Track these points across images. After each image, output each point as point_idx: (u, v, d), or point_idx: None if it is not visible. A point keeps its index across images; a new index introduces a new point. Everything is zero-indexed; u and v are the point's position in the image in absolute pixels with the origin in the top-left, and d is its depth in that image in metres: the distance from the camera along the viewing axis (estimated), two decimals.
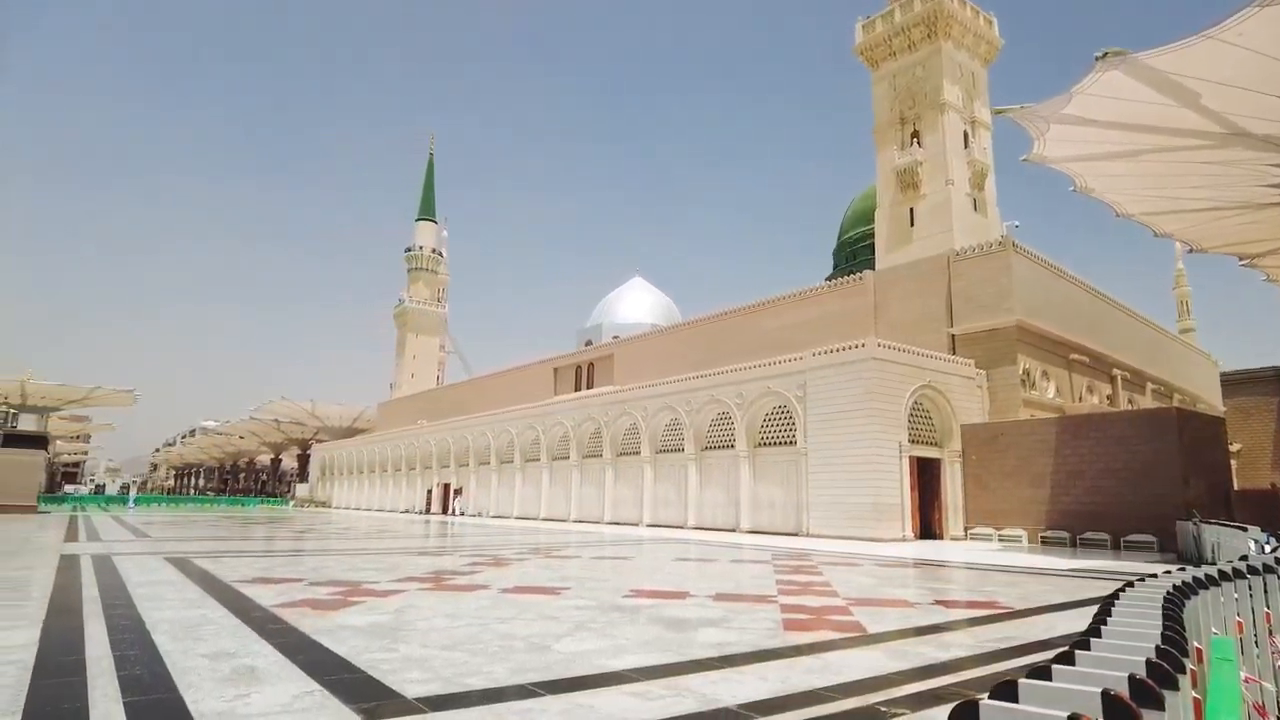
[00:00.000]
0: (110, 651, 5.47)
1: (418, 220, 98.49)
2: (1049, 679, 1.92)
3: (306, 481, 76.26)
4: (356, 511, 54.44)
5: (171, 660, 5.21)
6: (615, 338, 52.16)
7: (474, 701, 4.31)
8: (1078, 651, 2.27)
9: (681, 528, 29.87)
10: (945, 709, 4.18)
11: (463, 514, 45.56)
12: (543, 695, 4.48)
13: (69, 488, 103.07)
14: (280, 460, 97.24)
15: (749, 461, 28.30)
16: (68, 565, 11.77)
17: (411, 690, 4.53)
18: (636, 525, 32.27)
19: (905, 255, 35.97)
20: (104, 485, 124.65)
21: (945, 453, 25.85)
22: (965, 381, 27.03)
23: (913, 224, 37.95)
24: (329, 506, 64.43)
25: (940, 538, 24.94)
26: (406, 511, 51.68)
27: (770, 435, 28.12)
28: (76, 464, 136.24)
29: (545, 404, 43.85)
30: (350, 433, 75.77)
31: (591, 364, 49.39)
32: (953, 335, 29.16)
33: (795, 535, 24.96)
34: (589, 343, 56.61)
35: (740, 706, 4.30)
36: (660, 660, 5.55)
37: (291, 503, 69.02)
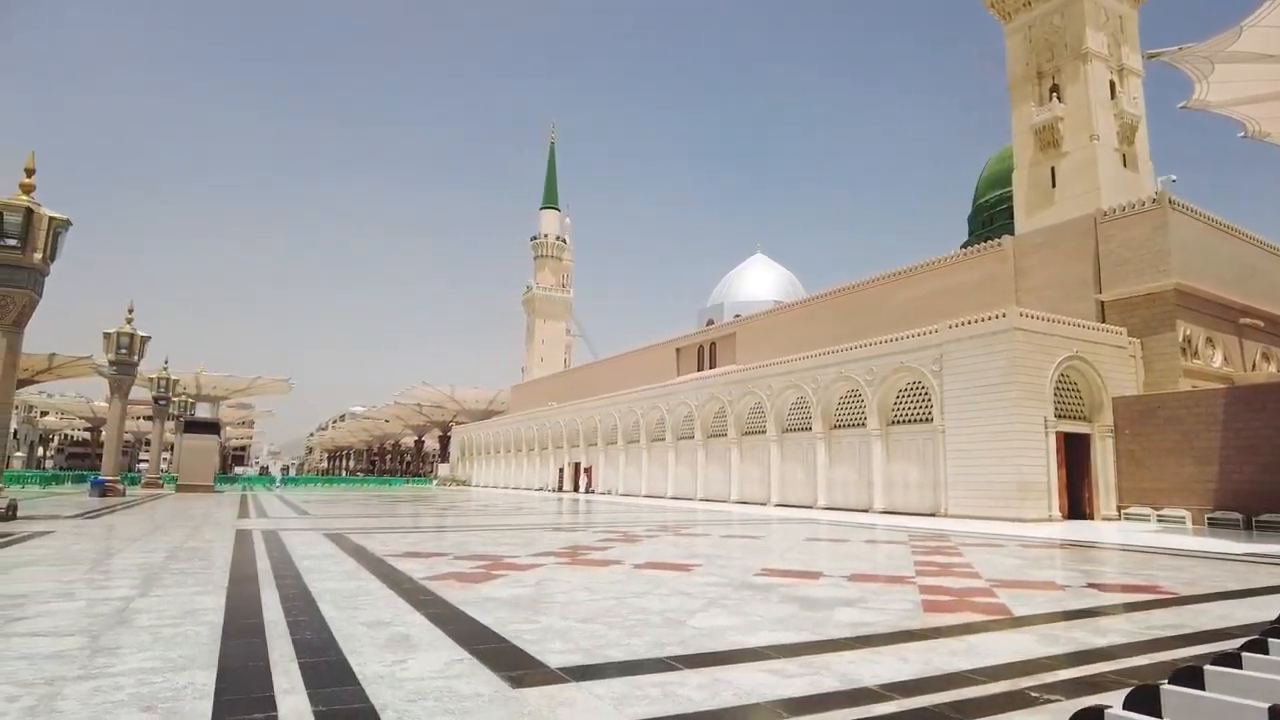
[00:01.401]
0: (284, 617, 5.97)
1: (542, 209, 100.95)
2: (1239, 666, 1.77)
3: (448, 461, 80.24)
4: (494, 489, 56.82)
5: (336, 627, 5.63)
6: (737, 316, 51.77)
7: (614, 673, 4.43)
8: (1270, 640, 2.08)
9: (810, 507, 29.45)
10: (1104, 697, 3.95)
11: (592, 492, 46.69)
12: (680, 669, 4.54)
13: (238, 469, 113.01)
14: (423, 442, 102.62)
15: (881, 440, 27.51)
16: (242, 539, 12.90)
17: (554, 660, 4.71)
18: (764, 504, 32.07)
19: (1047, 218, 33.70)
20: (267, 467, 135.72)
21: (1095, 428, 24.22)
22: (1117, 351, 25.16)
23: (1054, 184, 35.48)
24: (469, 485, 67.52)
25: (1090, 518, 23.45)
26: (540, 489, 53.48)
27: (904, 412, 27.21)
28: (244, 448, 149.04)
29: (668, 384, 44.15)
30: (486, 415, 78.96)
31: (713, 343, 49.27)
32: (1101, 302, 27.17)
33: (932, 515, 24.10)
34: (710, 322, 56.50)
35: (881, 686, 4.21)
36: (796, 639, 5.51)
37: (434, 482, 72.79)
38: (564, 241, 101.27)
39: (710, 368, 47.29)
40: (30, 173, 16.61)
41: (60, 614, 5.98)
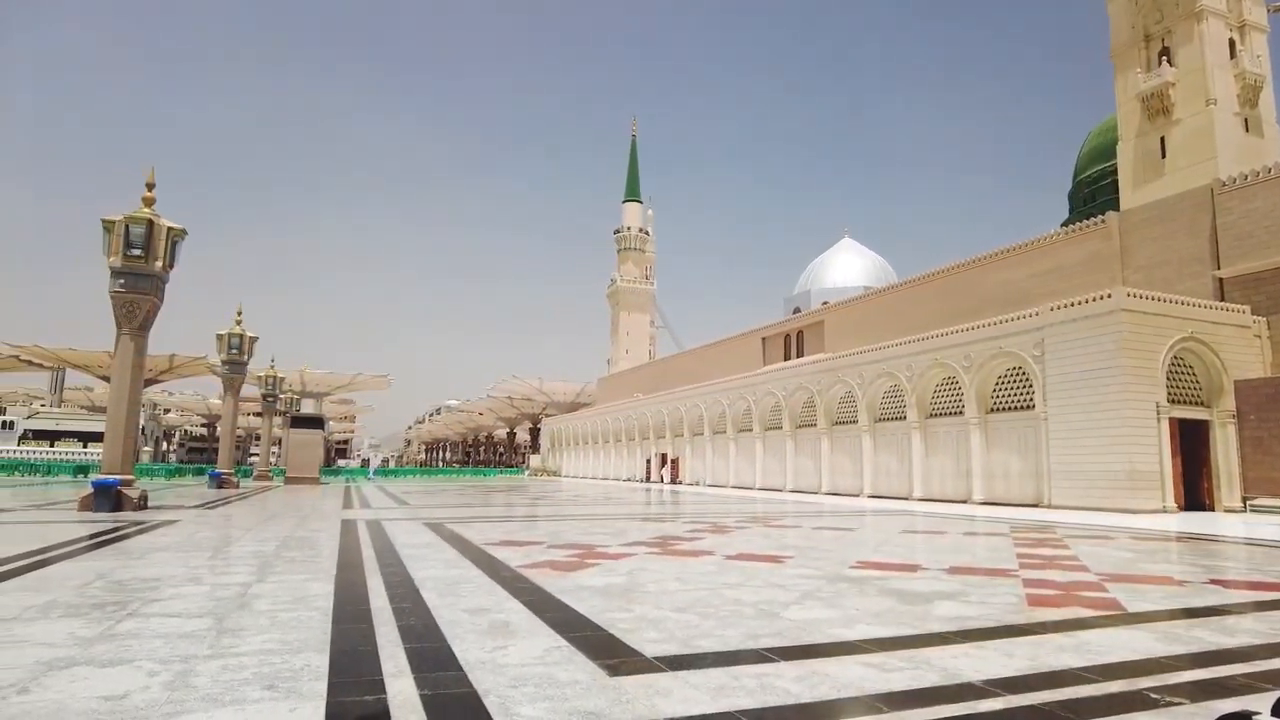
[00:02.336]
0: (389, 604, 6.22)
1: (624, 202, 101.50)
2: None
3: (538, 453, 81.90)
4: (582, 480, 57.67)
5: (438, 613, 5.83)
6: (825, 303, 50.86)
7: (709, 663, 4.44)
8: None
9: (905, 498, 28.74)
10: (1237, 701, 3.72)
11: (679, 483, 46.80)
12: (776, 660, 4.52)
13: (341, 462, 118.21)
14: (515, 433, 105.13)
15: (980, 428, 26.59)
16: (347, 528, 13.50)
17: (649, 649, 4.75)
18: (856, 496, 31.48)
19: (1156, 191, 31.71)
20: (369, 459, 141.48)
21: (1214, 413, 22.76)
22: (1239, 331, 23.55)
23: (1164, 155, 33.30)
24: (558, 475, 68.73)
25: (1210, 510, 22.07)
26: (628, 480, 53.96)
27: (1004, 399, 26.22)
28: (346, 441, 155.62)
29: (755, 374, 43.77)
30: (574, 407, 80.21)
31: (801, 331, 48.56)
32: (1220, 279, 25.47)
33: (1035, 506, 23.17)
34: (797, 310, 55.68)
35: (986, 683, 4.09)
36: (894, 632, 5.40)
37: (526, 472, 74.42)
38: (646, 233, 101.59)
39: (798, 356, 46.64)
40: (150, 187, 17.74)
41: (189, 597, 6.40)
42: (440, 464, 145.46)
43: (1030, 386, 24.64)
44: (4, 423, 66.99)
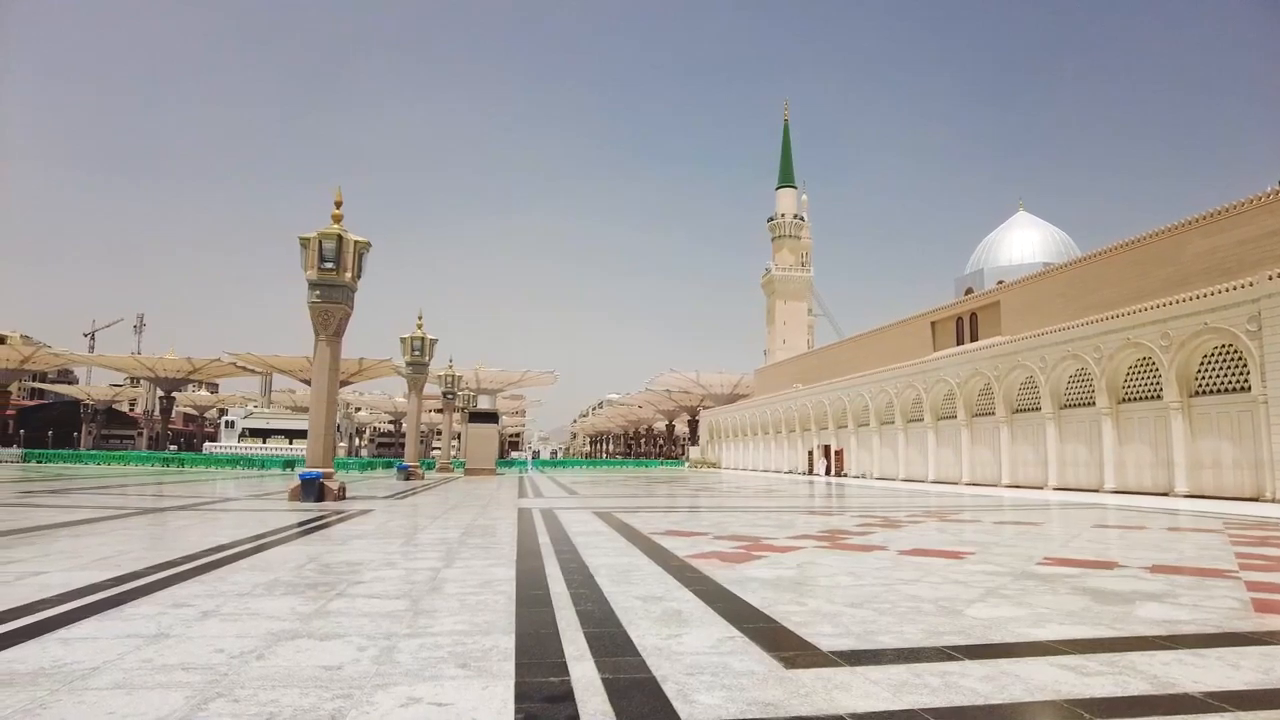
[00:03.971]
0: (566, 589, 6.49)
1: (778, 188, 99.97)
2: None
3: (697, 445, 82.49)
4: (742, 472, 57.44)
5: (613, 600, 6.01)
6: (1000, 283, 47.76)
7: (889, 659, 4.32)
8: None
9: (1095, 490, 26.57)
10: None
11: (843, 475, 45.60)
12: (961, 659, 4.32)
13: (514, 454, 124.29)
14: (673, 426, 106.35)
15: (1182, 414, 24.12)
16: (523, 517, 14.19)
17: (824, 643, 4.68)
18: (1040, 488, 29.45)
19: None
20: (538, 451, 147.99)
21: None
22: None
23: None
24: (718, 467, 68.90)
25: None
26: (789, 472, 53.23)
27: (1211, 381, 23.65)
28: (517, 435, 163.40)
29: (924, 361, 41.84)
30: (731, 399, 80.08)
31: (974, 314, 45.90)
32: None
33: (1254, 500, 20.76)
34: (969, 291, 52.68)
35: (1207, 695, 3.71)
36: (1091, 634, 5.01)
37: (686, 464, 75.16)
38: (802, 219, 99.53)
39: (971, 341, 44.14)
40: (339, 204, 19.39)
41: (387, 580, 6.97)
42: (604, 456, 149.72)
43: (1244, 366, 22.03)
44: (227, 422, 75.94)
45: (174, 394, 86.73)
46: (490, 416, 47.64)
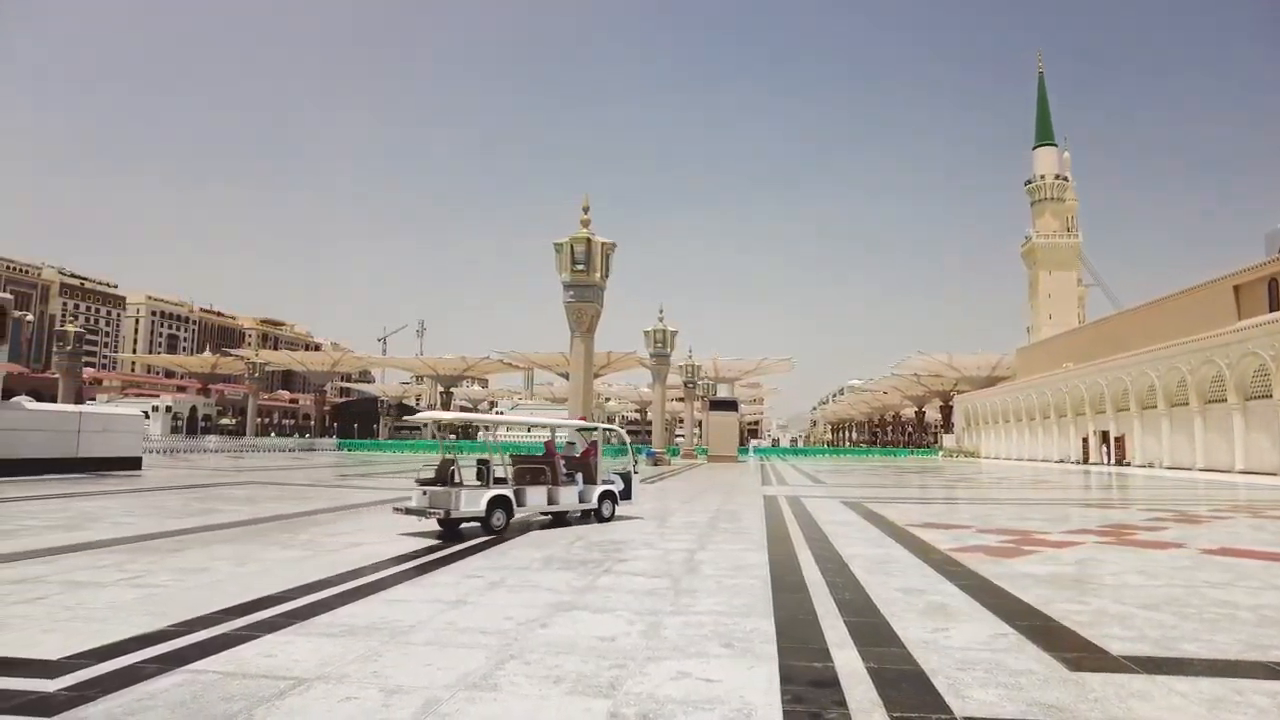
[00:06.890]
0: (821, 577, 6.46)
1: (1035, 148, 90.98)
2: None
3: (951, 432, 77.60)
4: (1005, 461, 53.24)
5: (871, 590, 5.89)
6: None
7: (1198, 671, 3.84)
8: None
9: None
10: None
11: (1126, 464, 40.70)
12: None
13: (753, 442, 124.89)
14: (924, 412, 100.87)
15: None
16: (769, 504, 14.25)
17: (1114, 647, 4.26)
18: None
19: None
20: (778, 439, 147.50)
21: None
22: None
23: None
24: (977, 456, 64.38)
25: None
26: (1060, 461, 48.50)
27: None
28: (756, 423, 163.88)
29: (1226, 331, 36.11)
30: (989, 382, 74.27)
31: None
32: None
33: None
34: None
35: None
36: None
37: (940, 453, 71.01)
38: (1065, 180, 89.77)
39: None
40: (586, 209, 20.64)
41: (647, 559, 7.36)
42: (846, 444, 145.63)
43: None
44: (498, 413, 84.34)
45: (451, 389, 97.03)
46: (730, 404, 48.28)
